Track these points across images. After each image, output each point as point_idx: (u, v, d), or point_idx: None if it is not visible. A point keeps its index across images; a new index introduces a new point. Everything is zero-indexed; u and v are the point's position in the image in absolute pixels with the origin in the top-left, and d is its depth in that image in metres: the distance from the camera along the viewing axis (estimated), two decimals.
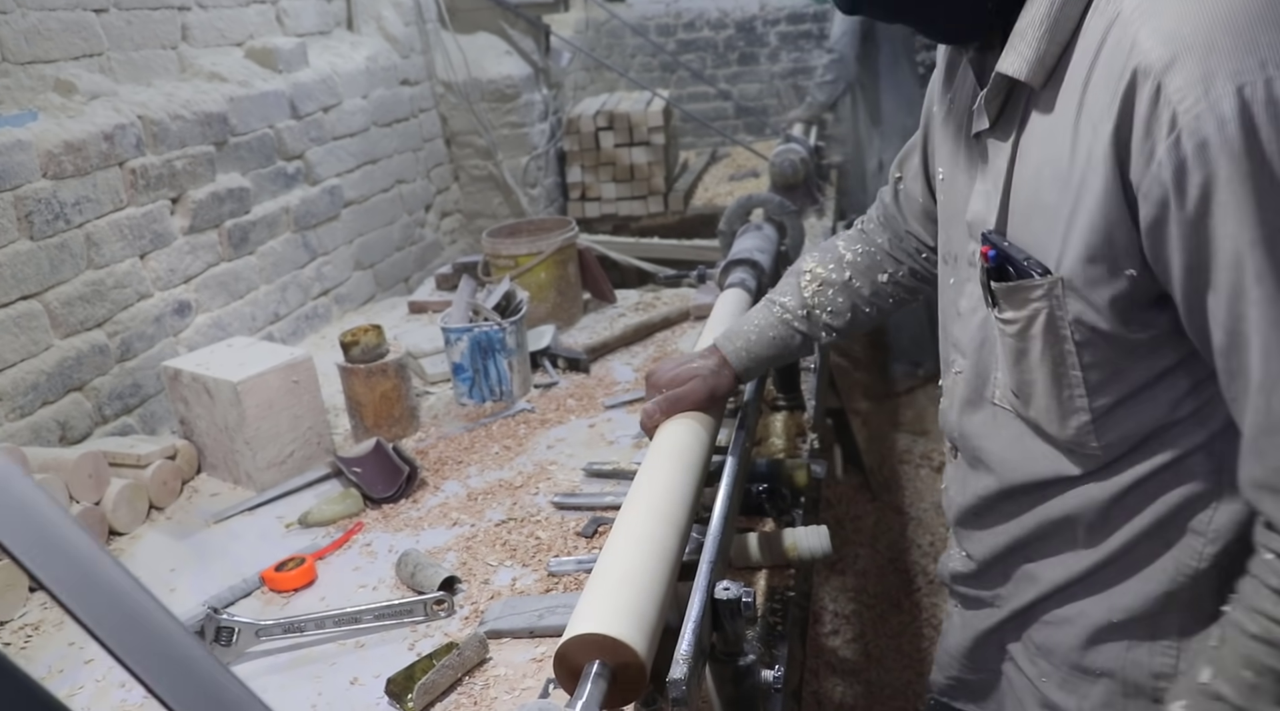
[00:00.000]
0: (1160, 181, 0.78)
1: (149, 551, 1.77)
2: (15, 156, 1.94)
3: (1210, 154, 0.75)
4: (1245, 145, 0.73)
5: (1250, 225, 0.75)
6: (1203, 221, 0.78)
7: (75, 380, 2.08)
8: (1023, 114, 0.94)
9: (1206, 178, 0.76)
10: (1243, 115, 0.73)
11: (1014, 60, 0.91)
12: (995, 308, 0.99)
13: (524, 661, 1.35)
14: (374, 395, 2.05)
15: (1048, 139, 0.90)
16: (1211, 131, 0.74)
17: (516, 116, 4.26)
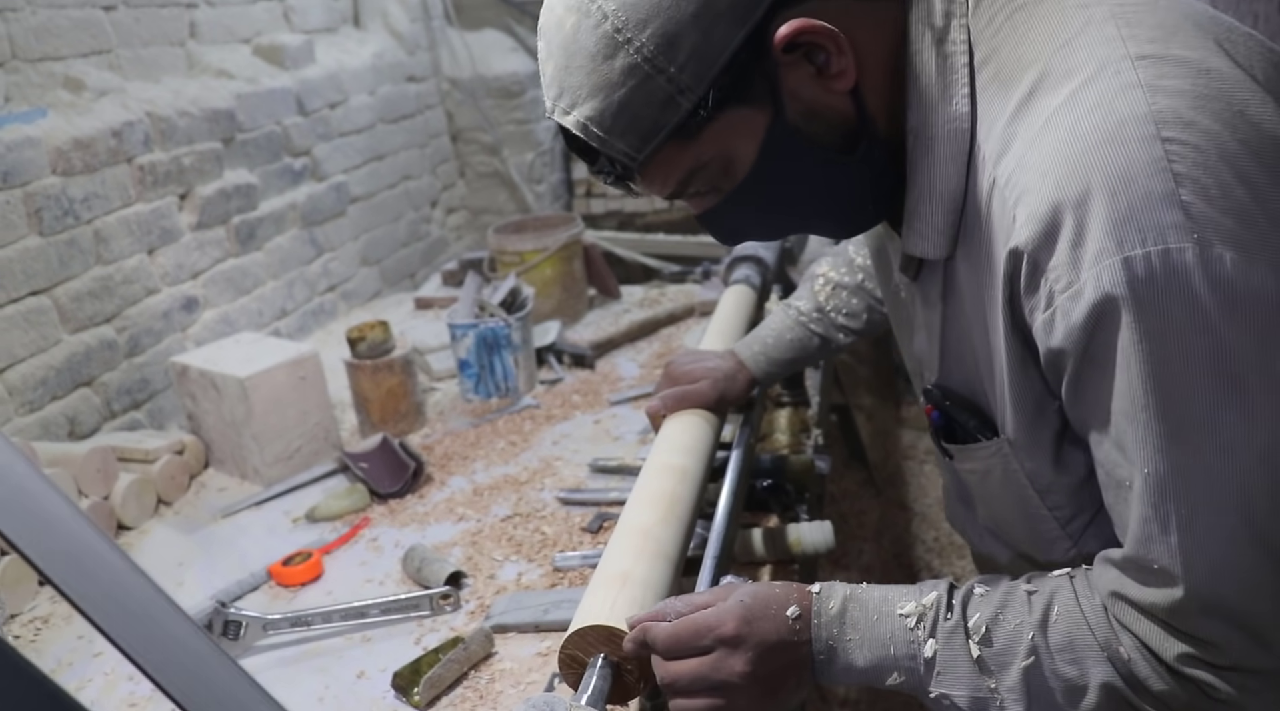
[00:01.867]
0: (1048, 351, 0.77)
1: (157, 546, 1.78)
2: (25, 153, 1.96)
3: (1078, 331, 0.73)
4: (1134, 330, 0.71)
5: (1119, 394, 0.74)
6: (1082, 385, 0.77)
7: (84, 375, 2.09)
8: (944, 279, 0.93)
9: (1078, 349, 0.74)
10: (1102, 300, 0.71)
11: (916, 242, 0.90)
12: (952, 459, 0.99)
13: (529, 655, 1.35)
14: (380, 391, 2.06)
15: (968, 302, 0.89)
16: (1079, 311, 0.72)
17: (522, 113, 4.26)
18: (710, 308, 2.44)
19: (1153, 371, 0.71)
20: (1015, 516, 0.97)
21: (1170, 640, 0.77)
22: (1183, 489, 0.73)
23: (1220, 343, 0.69)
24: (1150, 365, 0.71)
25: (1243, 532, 0.73)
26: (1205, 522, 0.73)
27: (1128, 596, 0.79)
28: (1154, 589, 0.77)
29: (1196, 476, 0.72)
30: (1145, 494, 0.74)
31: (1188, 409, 0.71)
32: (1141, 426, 0.73)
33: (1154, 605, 0.77)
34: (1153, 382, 0.71)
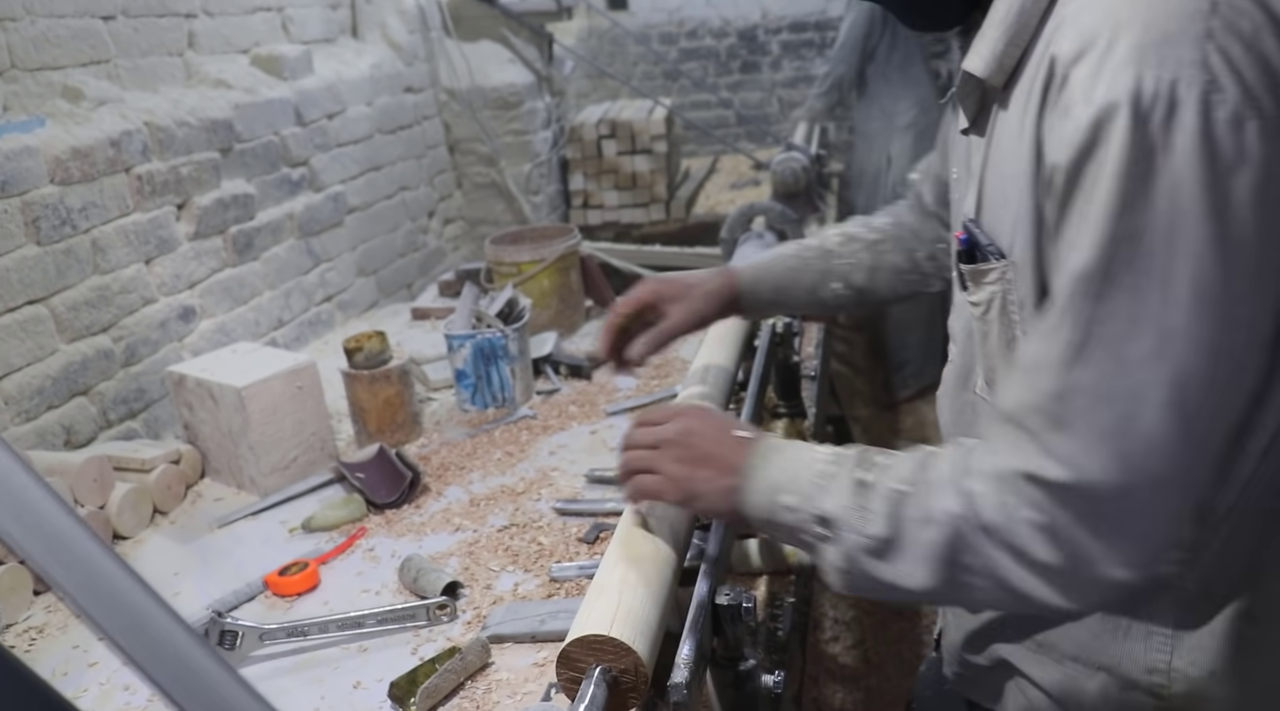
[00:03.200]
0: (1052, 163, 0.82)
1: (153, 555, 1.78)
2: (23, 162, 1.96)
3: (1079, 135, 0.78)
4: (1122, 140, 0.76)
5: (1105, 217, 0.77)
6: (1070, 205, 0.81)
7: (80, 384, 2.09)
8: (994, 114, 0.96)
9: (1080, 165, 0.79)
10: (1121, 112, 0.75)
11: (975, 60, 0.94)
12: (965, 291, 1.02)
13: (526, 666, 1.36)
14: (377, 401, 2.06)
15: (1006, 135, 0.93)
16: (1085, 115, 0.77)
17: (519, 124, 4.27)
18: None
19: (1122, 187, 0.76)
20: (1001, 360, 1.00)
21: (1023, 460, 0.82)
22: (1092, 291, 0.78)
23: (1185, 178, 0.74)
24: (1121, 181, 0.76)
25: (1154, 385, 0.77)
26: (1100, 330, 0.78)
27: (996, 411, 0.87)
28: (1022, 389, 0.84)
29: (1113, 283, 0.77)
30: (1058, 290, 0.81)
31: (1141, 224, 0.76)
32: (1085, 230, 0.78)
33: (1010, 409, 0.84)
34: (1120, 195, 0.76)
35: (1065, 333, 0.80)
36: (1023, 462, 0.82)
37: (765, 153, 5.25)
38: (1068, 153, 0.79)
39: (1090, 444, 0.79)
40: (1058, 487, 0.80)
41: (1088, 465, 0.79)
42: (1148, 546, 0.81)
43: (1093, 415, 0.79)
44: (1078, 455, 0.79)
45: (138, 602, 0.60)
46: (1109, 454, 0.78)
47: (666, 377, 2.31)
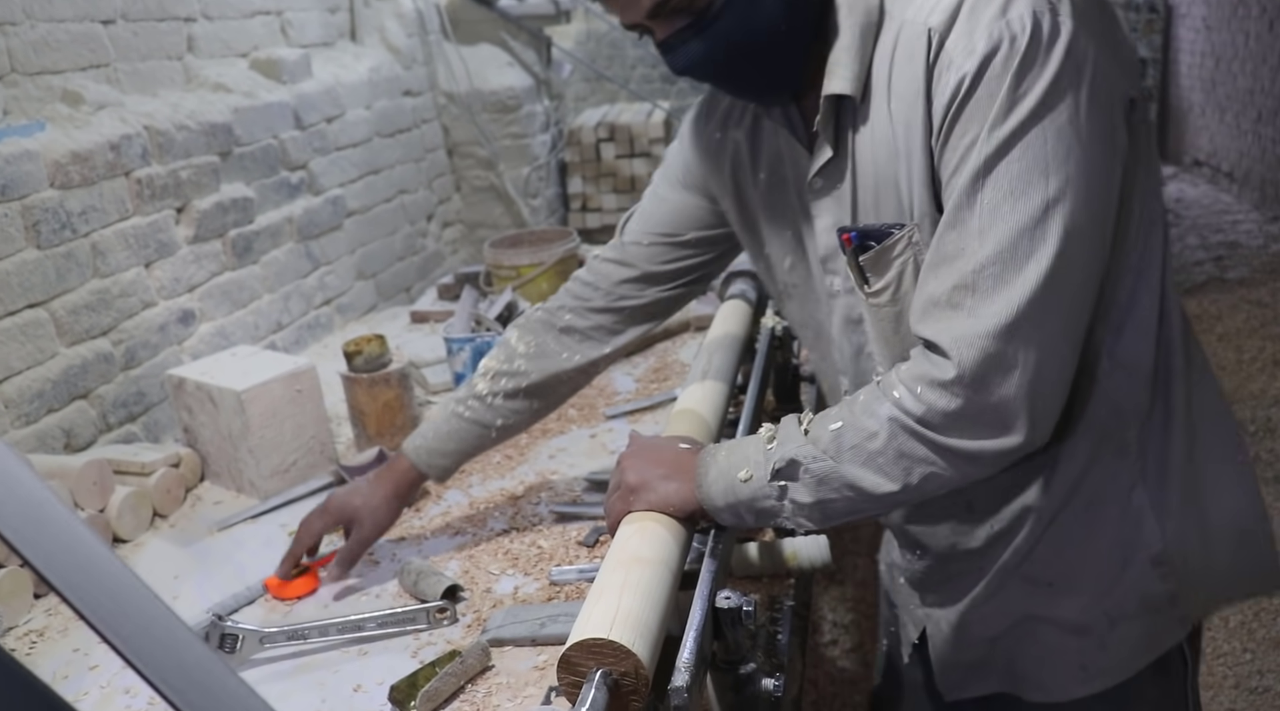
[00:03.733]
0: (942, 106, 0.99)
1: (153, 559, 1.78)
2: (23, 166, 1.96)
3: (967, 79, 0.96)
4: (992, 70, 0.94)
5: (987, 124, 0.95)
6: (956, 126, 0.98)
7: (80, 388, 2.10)
8: (852, 126, 1.10)
9: (965, 96, 0.96)
10: (990, 51, 0.94)
11: (836, 83, 1.07)
12: (866, 285, 1.12)
13: (526, 669, 1.36)
14: (377, 404, 2.06)
15: (874, 133, 1.07)
16: (971, 63, 0.95)
17: (518, 127, 4.28)
18: (706, 322, 2.44)
19: (1002, 94, 0.94)
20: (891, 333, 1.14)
21: (925, 365, 0.99)
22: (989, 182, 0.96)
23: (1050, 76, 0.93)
24: (1003, 90, 0.94)
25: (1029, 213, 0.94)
26: (999, 209, 0.95)
27: (921, 304, 1.01)
28: (943, 275, 0.98)
29: (1004, 171, 0.95)
30: (959, 191, 0.97)
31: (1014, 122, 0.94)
32: (977, 140, 0.96)
33: (936, 295, 0.99)
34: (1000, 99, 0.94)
35: (970, 221, 0.96)
36: (955, 331, 0.97)
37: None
38: (956, 90, 0.96)
39: (1006, 298, 0.95)
40: (985, 337, 0.95)
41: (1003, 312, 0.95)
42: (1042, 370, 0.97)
43: (1006, 278, 0.95)
44: (999, 309, 0.95)
45: (140, 605, 0.60)
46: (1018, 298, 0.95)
47: (666, 380, 2.31)
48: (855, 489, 1.05)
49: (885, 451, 1.02)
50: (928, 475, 1.02)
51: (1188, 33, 8.14)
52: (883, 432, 1.02)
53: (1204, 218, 6.89)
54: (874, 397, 1.03)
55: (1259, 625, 2.94)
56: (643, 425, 2.09)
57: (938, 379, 0.98)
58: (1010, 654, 1.23)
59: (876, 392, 1.04)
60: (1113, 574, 1.14)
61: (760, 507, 1.12)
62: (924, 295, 1.01)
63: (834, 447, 1.05)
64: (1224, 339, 4.84)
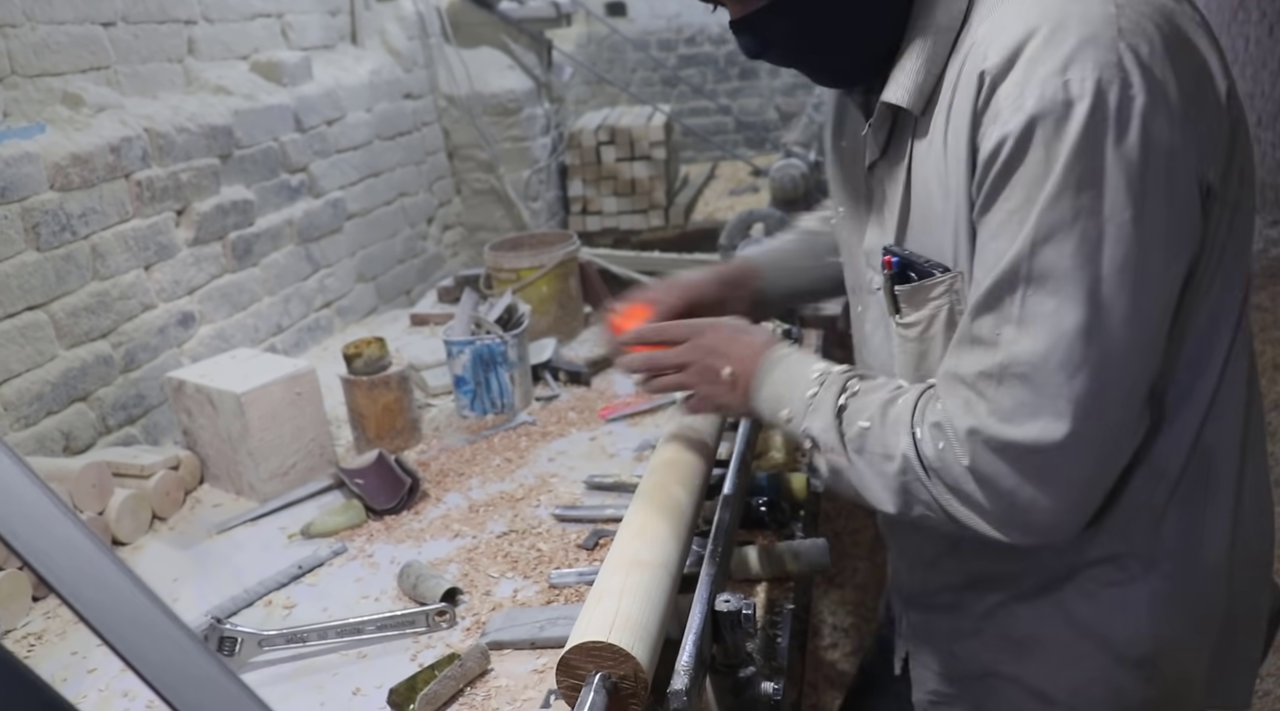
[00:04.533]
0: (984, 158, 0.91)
1: (152, 561, 1.78)
2: (23, 168, 1.96)
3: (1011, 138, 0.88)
4: (1040, 136, 0.86)
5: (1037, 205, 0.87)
6: (997, 196, 0.91)
7: (80, 390, 2.09)
8: (910, 142, 1.04)
9: (1010, 160, 0.89)
10: (1038, 113, 0.86)
11: (896, 90, 1.02)
12: (898, 314, 1.09)
13: (525, 672, 1.35)
14: (376, 407, 2.06)
15: (930, 156, 1.00)
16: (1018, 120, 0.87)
17: (518, 130, 4.28)
18: None
19: (1055, 177, 0.86)
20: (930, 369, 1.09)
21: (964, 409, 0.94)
22: (1033, 271, 0.88)
23: (1112, 165, 0.85)
24: (1057, 167, 0.86)
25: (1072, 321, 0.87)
26: (1039, 306, 0.88)
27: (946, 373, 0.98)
28: (968, 357, 0.94)
29: (1050, 264, 0.87)
30: (999, 271, 0.90)
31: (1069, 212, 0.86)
32: (1022, 216, 0.88)
33: (962, 375, 0.95)
34: (1053, 185, 0.86)
35: (1008, 309, 0.90)
36: (972, 421, 0.93)
37: (764, 159, 5.26)
38: (998, 150, 0.89)
39: (1033, 407, 0.89)
40: (1003, 444, 0.91)
41: (1030, 425, 0.89)
42: (1073, 492, 0.92)
43: (1036, 382, 0.89)
44: (1021, 416, 0.90)
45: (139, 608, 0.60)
46: (1050, 415, 0.88)
47: None
48: (860, 491, 1.05)
49: (894, 480, 1.00)
50: (924, 516, 1.01)
51: None
52: (897, 461, 1.00)
53: None
54: (904, 418, 1.00)
55: None
56: (642, 428, 2.09)
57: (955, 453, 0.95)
58: (979, 701, 1.21)
59: (910, 413, 1.00)
60: (1088, 657, 1.09)
61: (795, 439, 1.13)
62: (951, 364, 0.97)
63: (857, 443, 1.04)
64: None
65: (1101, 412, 0.89)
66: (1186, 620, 1.07)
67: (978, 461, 0.92)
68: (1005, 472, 0.91)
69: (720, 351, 1.22)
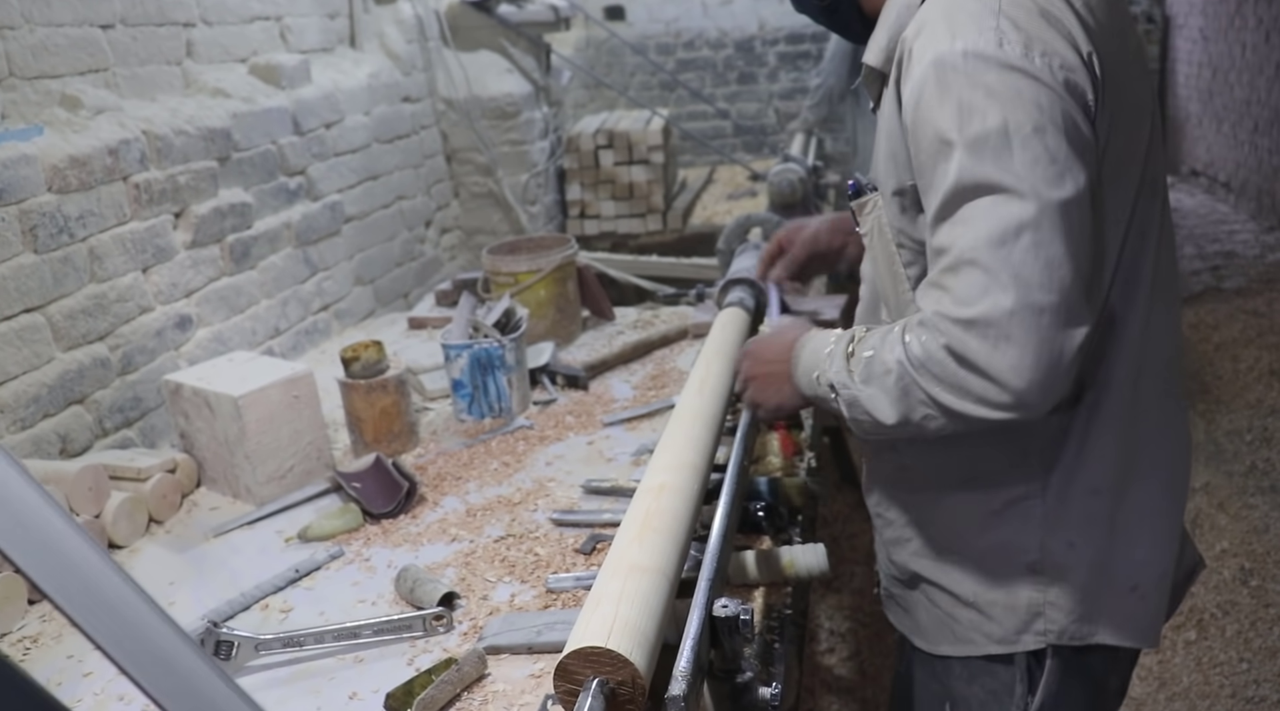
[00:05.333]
0: (906, 105, 1.14)
1: (148, 565, 1.78)
2: (21, 170, 1.96)
3: (917, 85, 1.11)
4: (931, 81, 1.09)
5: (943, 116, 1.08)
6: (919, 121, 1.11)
7: (76, 393, 2.09)
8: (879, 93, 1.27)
9: (921, 93, 1.10)
10: (933, 62, 1.09)
11: (870, 54, 1.26)
12: (858, 225, 1.35)
13: (522, 677, 1.35)
14: (374, 410, 2.06)
15: (887, 104, 1.24)
16: (919, 74, 1.10)
17: (517, 134, 4.28)
18: (704, 330, 2.44)
19: (960, 107, 1.06)
20: (886, 273, 1.31)
21: (935, 303, 1.09)
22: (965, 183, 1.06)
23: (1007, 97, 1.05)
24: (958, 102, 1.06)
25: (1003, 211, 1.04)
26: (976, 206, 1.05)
27: (923, 285, 1.13)
28: (935, 262, 1.10)
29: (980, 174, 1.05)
30: (944, 191, 1.08)
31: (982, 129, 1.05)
32: (944, 145, 1.08)
33: (931, 279, 1.10)
34: (959, 116, 1.06)
35: (955, 216, 1.07)
36: (936, 307, 1.08)
37: (762, 163, 5.26)
38: (917, 93, 1.10)
39: (983, 286, 1.03)
40: (964, 321, 1.05)
41: (982, 300, 1.04)
42: (1040, 355, 1.03)
43: (982, 263, 1.04)
44: (974, 294, 1.04)
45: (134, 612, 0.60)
46: (997, 290, 1.03)
47: (664, 388, 2.31)
48: (870, 414, 1.18)
49: (894, 388, 1.14)
50: (925, 419, 1.13)
51: (1185, 43, 8.16)
52: (894, 371, 1.13)
53: (1200, 228, 6.90)
54: (896, 334, 1.15)
55: (1255, 634, 2.94)
56: (639, 433, 2.09)
57: (935, 339, 1.08)
58: (909, 602, 1.42)
59: (900, 329, 1.14)
60: (991, 560, 1.29)
61: (829, 405, 1.27)
62: (926, 278, 1.13)
63: (864, 372, 1.18)
64: (1220, 348, 4.84)
65: (1043, 282, 1.02)
66: (1069, 532, 1.25)
67: (951, 340, 1.06)
68: (975, 347, 1.04)
69: (764, 358, 1.44)
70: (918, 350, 1.10)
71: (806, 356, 1.32)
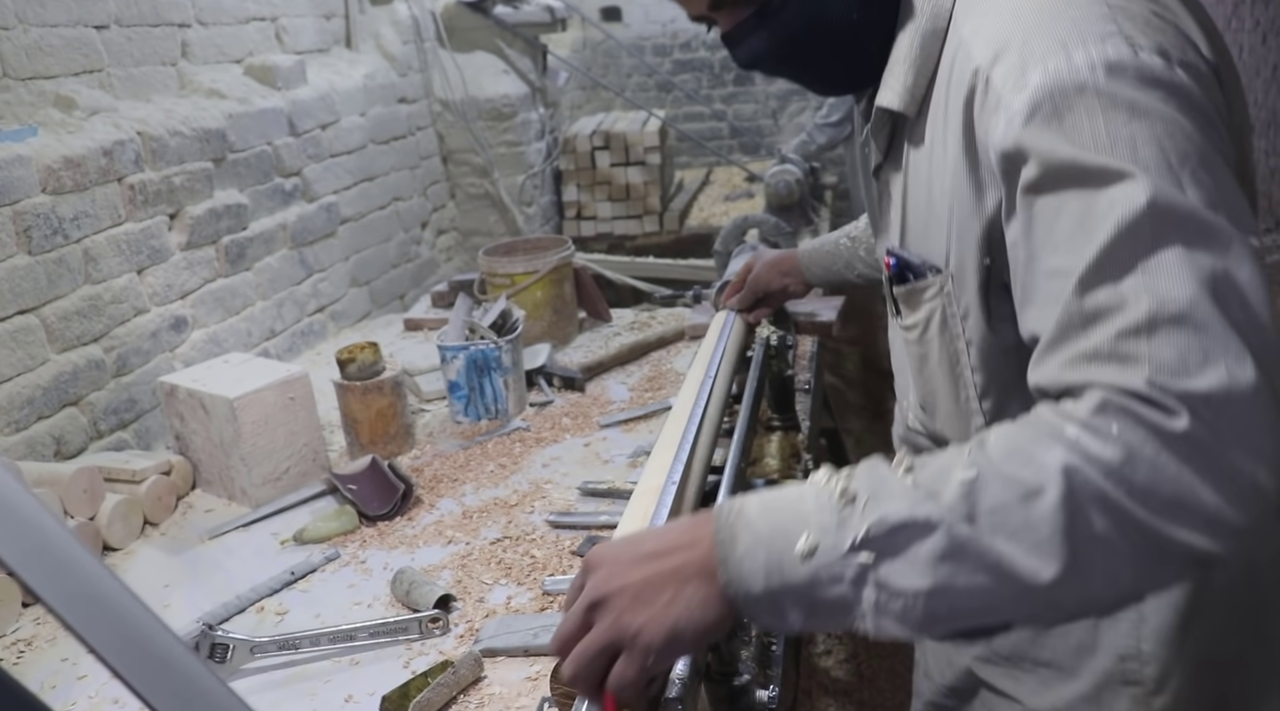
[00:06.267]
0: (992, 149, 0.85)
1: (143, 567, 1.77)
2: (15, 171, 1.95)
3: (1019, 118, 0.81)
4: (1047, 108, 0.80)
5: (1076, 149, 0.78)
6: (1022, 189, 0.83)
7: (71, 395, 2.08)
8: (907, 142, 1.04)
9: (1020, 148, 0.81)
10: (1046, 84, 0.80)
11: (887, 94, 1.01)
12: (899, 315, 1.08)
13: (519, 680, 1.35)
14: (370, 412, 2.05)
15: (927, 158, 0.99)
16: (1022, 102, 0.81)
17: (513, 135, 4.28)
18: (701, 331, 2.44)
19: (1098, 134, 0.78)
20: (942, 377, 1.05)
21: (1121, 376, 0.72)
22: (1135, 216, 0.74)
23: (1161, 118, 0.77)
24: (1094, 130, 0.78)
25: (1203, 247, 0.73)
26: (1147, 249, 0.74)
27: (1066, 364, 0.77)
28: (1095, 331, 0.75)
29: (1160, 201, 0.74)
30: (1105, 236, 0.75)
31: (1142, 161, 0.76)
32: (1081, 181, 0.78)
33: (1096, 350, 0.74)
34: (1104, 145, 0.77)
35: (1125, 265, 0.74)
36: (1122, 382, 0.72)
37: (759, 165, 5.26)
38: (1014, 133, 0.81)
39: (1203, 350, 0.70)
40: (1189, 398, 0.70)
41: (1206, 369, 0.70)
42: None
43: (1195, 320, 0.71)
44: (1191, 361, 0.70)
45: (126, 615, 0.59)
46: (1228, 356, 0.70)
47: (660, 390, 2.30)
48: (997, 571, 0.71)
49: (1055, 518, 0.70)
50: (1105, 558, 0.71)
51: None
52: (1054, 489, 0.70)
53: None
54: (1035, 435, 0.74)
55: None
56: (636, 434, 2.09)
57: (1144, 424, 0.71)
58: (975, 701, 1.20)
59: (1031, 430, 0.75)
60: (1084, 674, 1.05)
61: (823, 597, 0.74)
62: (1068, 353, 0.77)
63: (966, 507, 0.72)
64: None
65: (1273, 345, 0.72)
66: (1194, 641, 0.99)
67: (1169, 426, 0.70)
68: (1206, 437, 0.70)
69: (639, 553, 0.83)
70: (1108, 449, 0.70)
71: (757, 518, 0.78)
